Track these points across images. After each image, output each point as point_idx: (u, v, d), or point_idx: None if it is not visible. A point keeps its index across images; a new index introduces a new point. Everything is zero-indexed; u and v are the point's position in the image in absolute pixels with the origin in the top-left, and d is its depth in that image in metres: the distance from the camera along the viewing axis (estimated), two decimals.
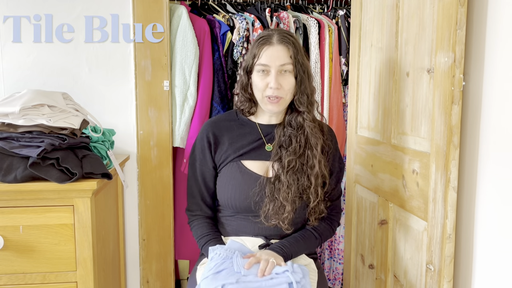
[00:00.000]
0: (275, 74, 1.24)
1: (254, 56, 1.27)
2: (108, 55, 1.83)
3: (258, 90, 1.27)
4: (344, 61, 2.06)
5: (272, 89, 1.23)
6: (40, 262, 1.31)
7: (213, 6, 2.11)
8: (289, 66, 1.25)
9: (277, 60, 1.24)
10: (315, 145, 1.28)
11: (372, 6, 1.64)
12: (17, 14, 1.76)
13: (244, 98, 1.33)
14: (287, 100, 1.28)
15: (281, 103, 1.27)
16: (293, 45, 1.26)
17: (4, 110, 1.28)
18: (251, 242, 1.29)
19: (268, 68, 1.25)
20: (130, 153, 1.87)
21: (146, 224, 1.90)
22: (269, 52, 1.25)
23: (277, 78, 1.24)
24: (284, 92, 1.25)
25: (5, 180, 1.26)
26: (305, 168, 1.27)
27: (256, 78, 1.27)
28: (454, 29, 1.10)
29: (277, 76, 1.24)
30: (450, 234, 1.14)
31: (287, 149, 1.28)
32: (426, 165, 1.23)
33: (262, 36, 1.28)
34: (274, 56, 1.24)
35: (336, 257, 2.17)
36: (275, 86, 1.23)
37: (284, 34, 1.27)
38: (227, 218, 1.34)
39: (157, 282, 1.93)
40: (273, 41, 1.26)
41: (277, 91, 1.24)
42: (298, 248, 1.28)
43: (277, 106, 1.27)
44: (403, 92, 1.38)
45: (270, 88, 1.24)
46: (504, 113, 1.06)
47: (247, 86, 1.31)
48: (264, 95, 1.26)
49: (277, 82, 1.23)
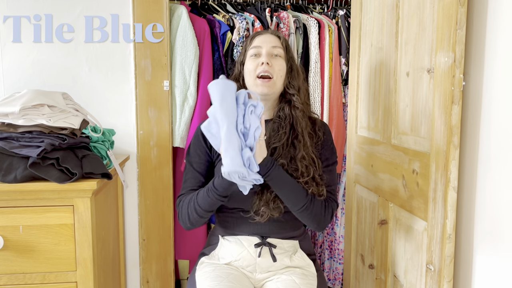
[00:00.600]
0: (266, 53, 1.28)
1: (248, 46, 1.33)
2: (108, 55, 1.83)
3: (249, 72, 1.29)
4: (344, 61, 2.06)
5: (263, 66, 1.26)
6: (40, 262, 1.31)
7: (213, 6, 2.11)
8: (279, 50, 1.30)
9: (269, 43, 1.30)
10: (301, 132, 1.27)
11: (372, 6, 1.64)
12: (17, 14, 1.76)
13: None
14: (278, 84, 1.28)
15: (271, 84, 1.27)
16: (284, 40, 1.34)
17: (4, 110, 1.28)
18: (247, 240, 1.30)
19: (260, 50, 1.29)
20: (130, 153, 1.88)
21: (146, 224, 1.90)
22: (261, 37, 1.32)
23: (268, 56, 1.28)
24: (275, 72, 1.27)
25: (5, 180, 1.26)
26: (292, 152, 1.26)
27: (248, 63, 1.31)
28: (454, 29, 1.10)
29: (268, 56, 1.28)
30: (450, 234, 1.14)
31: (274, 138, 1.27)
32: (426, 165, 1.22)
33: (255, 32, 1.38)
34: (266, 40, 1.31)
35: (336, 257, 2.17)
36: (265, 61, 1.26)
37: (276, 31, 1.36)
38: (222, 217, 1.35)
39: (157, 282, 1.93)
40: (266, 32, 1.35)
41: (267, 67, 1.26)
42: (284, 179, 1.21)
43: (268, 87, 1.27)
44: (403, 92, 1.38)
45: (261, 64, 1.27)
46: (504, 113, 1.06)
47: (239, 77, 1.35)
48: (256, 74, 1.27)
49: (268, 58, 1.27)
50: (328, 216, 1.28)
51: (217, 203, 1.22)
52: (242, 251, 1.29)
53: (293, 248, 1.34)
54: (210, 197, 1.22)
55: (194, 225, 1.29)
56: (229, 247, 1.31)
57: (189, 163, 1.34)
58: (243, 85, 1.34)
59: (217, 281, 1.21)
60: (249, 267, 1.30)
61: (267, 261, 1.29)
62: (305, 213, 1.24)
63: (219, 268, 1.29)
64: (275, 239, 1.31)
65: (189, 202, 1.27)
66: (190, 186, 1.32)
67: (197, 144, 1.33)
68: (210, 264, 1.32)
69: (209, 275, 1.25)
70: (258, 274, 1.30)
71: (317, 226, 1.27)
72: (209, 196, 1.22)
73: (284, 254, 1.31)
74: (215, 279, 1.23)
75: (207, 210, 1.24)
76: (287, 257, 1.31)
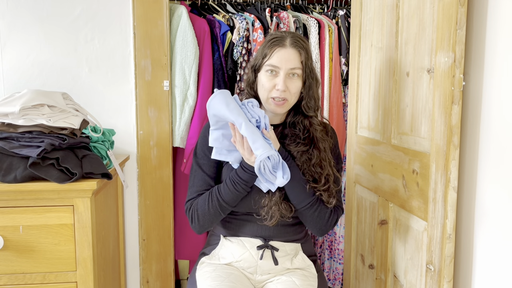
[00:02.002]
0: (284, 77, 1.22)
1: (265, 55, 1.25)
2: (108, 55, 1.83)
3: (264, 90, 1.25)
4: (344, 61, 2.06)
5: (279, 91, 1.22)
6: (40, 262, 1.31)
7: (213, 6, 2.11)
8: (298, 70, 1.24)
9: (288, 63, 1.23)
10: (323, 149, 1.27)
11: (372, 6, 1.64)
12: (17, 14, 1.76)
13: (249, 95, 1.32)
14: (292, 103, 1.27)
15: (285, 105, 1.26)
16: (305, 51, 1.26)
17: (4, 110, 1.28)
18: (250, 242, 1.30)
19: (277, 70, 1.23)
20: (130, 153, 1.87)
21: (146, 224, 1.90)
22: (281, 54, 1.23)
23: (285, 81, 1.22)
24: (290, 95, 1.25)
25: (5, 180, 1.26)
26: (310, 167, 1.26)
27: (263, 78, 1.25)
28: (454, 29, 1.10)
29: (285, 79, 1.23)
30: (450, 234, 1.14)
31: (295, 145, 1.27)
32: (426, 165, 1.22)
33: (275, 37, 1.26)
34: (285, 58, 1.23)
35: (336, 257, 2.17)
36: (282, 89, 1.22)
37: (297, 38, 1.26)
38: (225, 218, 1.34)
39: (157, 282, 1.93)
40: (286, 43, 1.24)
41: (283, 93, 1.23)
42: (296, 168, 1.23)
43: (282, 108, 1.26)
44: (403, 92, 1.38)
45: (277, 90, 1.22)
46: (504, 113, 1.06)
47: (253, 84, 1.30)
48: (270, 96, 1.24)
49: (284, 85, 1.22)
50: (332, 221, 1.27)
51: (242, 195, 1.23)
52: (244, 253, 1.29)
53: (294, 251, 1.33)
54: (238, 191, 1.22)
55: (211, 225, 1.28)
56: (230, 248, 1.31)
57: (198, 165, 1.31)
58: (256, 93, 1.30)
59: (218, 281, 1.21)
60: (250, 268, 1.30)
61: (269, 264, 1.29)
62: (310, 211, 1.23)
63: (219, 268, 1.28)
64: (278, 242, 1.31)
65: (208, 201, 1.25)
66: (199, 190, 1.29)
67: (205, 144, 1.30)
68: (211, 264, 1.31)
69: (209, 274, 1.25)
70: (259, 276, 1.30)
71: (319, 229, 1.27)
72: (237, 190, 1.22)
73: (285, 257, 1.31)
74: (216, 279, 1.22)
75: (232, 205, 1.24)
76: (288, 260, 1.31)
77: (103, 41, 1.82)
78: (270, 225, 1.25)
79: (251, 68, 1.30)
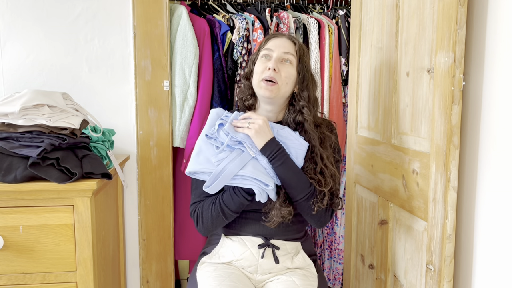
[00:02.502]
0: (276, 58, 1.27)
1: (261, 46, 1.33)
2: (108, 55, 1.83)
3: (257, 73, 1.29)
4: (344, 61, 2.06)
5: (270, 70, 1.25)
6: (40, 262, 1.31)
7: (213, 6, 2.11)
8: (291, 56, 1.28)
9: (282, 48, 1.28)
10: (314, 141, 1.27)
11: (372, 6, 1.64)
12: (17, 14, 1.76)
13: (245, 86, 1.36)
14: (282, 90, 1.27)
15: (275, 89, 1.26)
16: (300, 46, 1.31)
17: (4, 110, 1.28)
18: (251, 241, 1.30)
19: (271, 53, 1.28)
20: (130, 153, 1.87)
21: (146, 224, 1.90)
22: (276, 40, 1.30)
23: (276, 62, 1.26)
24: (281, 79, 1.26)
25: (5, 180, 1.26)
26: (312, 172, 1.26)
27: (258, 64, 1.30)
28: (454, 29, 1.10)
29: (277, 61, 1.27)
30: (450, 234, 1.14)
31: None
32: (426, 165, 1.22)
33: (273, 34, 1.35)
34: (280, 44, 1.29)
35: (336, 257, 2.17)
36: (272, 66, 1.25)
37: (293, 36, 1.33)
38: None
39: (157, 282, 1.93)
40: (283, 36, 1.32)
41: (273, 73, 1.25)
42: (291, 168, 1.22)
43: (270, 91, 1.25)
44: (403, 92, 1.38)
45: (268, 69, 1.26)
46: (504, 113, 1.06)
47: (250, 75, 1.35)
48: (261, 77, 1.27)
49: (275, 64, 1.26)
50: (329, 212, 1.28)
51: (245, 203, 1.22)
52: (245, 251, 1.29)
53: (295, 250, 1.33)
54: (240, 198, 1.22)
55: (216, 228, 1.28)
56: (231, 246, 1.31)
57: None
58: (251, 83, 1.33)
59: (219, 281, 1.21)
60: (251, 267, 1.30)
61: (269, 263, 1.29)
62: (308, 203, 1.23)
63: (220, 267, 1.28)
64: (279, 241, 1.31)
65: (212, 207, 1.24)
66: (202, 192, 1.28)
67: None
68: (211, 264, 1.31)
69: (210, 274, 1.25)
70: (259, 275, 1.30)
71: (317, 221, 1.27)
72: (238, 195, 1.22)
73: (286, 256, 1.31)
74: (217, 278, 1.22)
75: (236, 211, 1.24)
76: (289, 259, 1.31)
77: (103, 41, 1.82)
78: (271, 227, 1.25)
79: (251, 62, 1.35)
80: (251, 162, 1.21)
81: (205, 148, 1.24)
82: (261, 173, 1.19)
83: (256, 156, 1.21)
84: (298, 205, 1.24)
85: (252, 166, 1.20)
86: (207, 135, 1.24)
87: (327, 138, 1.31)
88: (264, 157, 1.21)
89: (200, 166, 1.21)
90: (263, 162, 1.22)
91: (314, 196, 1.23)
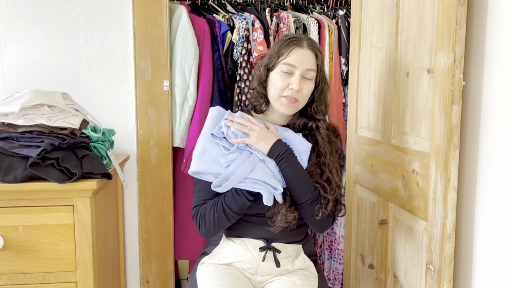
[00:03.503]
0: (299, 77, 1.23)
1: (281, 54, 1.25)
2: (108, 55, 1.83)
3: (276, 89, 1.25)
4: (344, 61, 2.06)
5: (293, 91, 1.22)
6: (40, 262, 1.31)
7: (213, 6, 2.11)
8: (313, 73, 1.25)
9: (305, 64, 1.23)
10: (324, 153, 1.27)
11: (372, 6, 1.64)
12: (17, 14, 1.76)
13: (259, 94, 1.30)
14: (301, 105, 1.28)
15: (296, 106, 1.26)
16: (321, 55, 1.28)
17: (4, 110, 1.28)
18: (252, 243, 1.29)
19: (293, 69, 1.23)
20: (130, 153, 1.87)
21: (146, 224, 1.90)
22: (299, 54, 1.24)
23: (300, 81, 1.23)
24: (302, 97, 1.25)
25: (5, 180, 1.26)
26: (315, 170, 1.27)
27: (276, 76, 1.25)
28: (454, 29, 1.10)
29: (301, 80, 1.23)
30: (450, 234, 1.14)
31: None
32: (426, 165, 1.22)
33: (292, 37, 1.27)
34: (303, 59, 1.23)
35: (336, 257, 2.17)
36: (297, 88, 1.22)
37: (313, 42, 1.28)
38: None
39: (157, 282, 1.93)
40: (304, 44, 1.25)
41: (296, 93, 1.23)
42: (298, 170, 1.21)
43: (292, 109, 1.26)
44: (403, 92, 1.38)
45: (291, 89, 1.23)
46: (504, 113, 1.06)
47: (265, 83, 1.29)
48: (281, 94, 1.24)
49: (299, 85, 1.22)
50: (331, 218, 1.27)
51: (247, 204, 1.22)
52: (246, 254, 1.29)
53: (296, 253, 1.33)
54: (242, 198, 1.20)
55: (219, 231, 1.27)
56: (232, 248, 1.31)
57: None
58: (265, 91, 1.29)
59: (219, 281, 1.21)
60: (251, 269, 1.29)
61: (270, 266, 1.28)
62: (311, 207, 1.22)
63: (220, 268, 1.28)
64: (280, 244, 1.30)
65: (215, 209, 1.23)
66: (205, 195, 1.27)
67: None
68: (211, 264, 1.31)
69: (210, 274, 1.25)
70: (259, 277, 1.30)
71: (319, 226, 1.26)
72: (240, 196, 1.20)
73: (287, 259, 1.30)
74: (217, 278, 1.22)
75: (238, 212, 1.22)
76: (290, 262, 1.31)
77: (103, 41, 1.82)
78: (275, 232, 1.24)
79: (264, 67, 1.29)
80: (259, 164, 1.19)
81: (210, 147, 1.21)
82: (270, 176, 1.18)
83: (264, 158, 1.20)
84: (302, 209, 1.24)
85: (261, 169, 1.18)
86: (212, 134, 1.22)
87: (333, 144, 1.31)
88: (271, 159, 1.21)
89: (206, 166, 1.19)
90: (271, 165, 1.20)
91: (319, 200, 1.23)
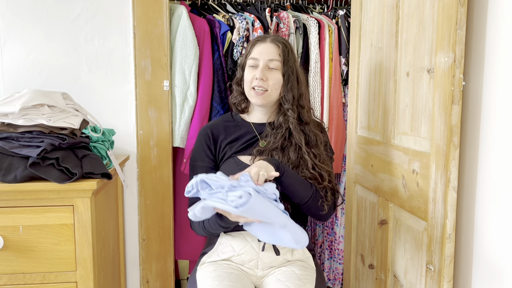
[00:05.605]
0: (262, 67, 1.32)
1: (249, 52, 1.38)
2: (108, 55, 1.83)
3: (246, 83, 1.36)
4: (344, 61, 2.06)
5: (258, 80, 1.31)
6: (40, 262, 1.31)
7: (213, 6, 2.11)
8: (276, 62, 1.33)
9: (267, 55, 1.33)
10: (299, 141, 1.31)
11: (372, 6, 1.64)
12: (17, 14, 1.76)
13: (237, 92, 1.43)
14: (273, 95, 1.34)
15: (265, 96, 1.33)
16: (284, 46, 1.35)
17: (4, 110, 1.28)
18: (251, 236, 1.30)
19: (257, 62, 1.34)
20: (130, 153, 1.87)
21: (146, 224, 1.90)
22: (261, 47, 1.35)
23: (263, 71, 1.32)
24: (269, 86, 1.32)
25: (5, 180, 1.26)
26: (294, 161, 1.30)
27: (246, 72, 1.36)
28: (454, 29, 1.10)
29: (264, 70, 1.32)
30: (450, 234, 1.14)
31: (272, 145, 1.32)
32: (426, 165, 1.22)
33: (259, 37, 1.40)
34: (263, 51, 1.34)
35: (336, 257, 2.17)
36: (260, 77, 1.31)
37: (278, 37, 1.38)
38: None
39: (157, 282, 1.93)
40: (267, 40, 1.36)
41: (261, 82, 1.31)
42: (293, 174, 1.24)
43: (261, 99, 1.33)
44: (403, 92, 1.38)
45: (256, 79, 1.32)
46: (504, 112, 1.06)
47: (241, 81, 1.41)
48: (251, 86, 1.34)
49: (262, 74, 1.32)
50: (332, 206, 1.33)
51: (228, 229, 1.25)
52: (245, 245, 1.30)
53: None
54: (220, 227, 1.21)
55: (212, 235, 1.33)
56: (231, 242, 1.32)
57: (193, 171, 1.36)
58: (242, 89, 1.40)
59: (218, 281, 1.21)
60: (251, 262, 1.30)
61: (270, 256, 1.30)
62: (313, 202, 1.26)
63: (220, 267, 1.29)
64: None
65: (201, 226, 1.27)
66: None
67: (201, 148, 1.37)
68: (211, 263, 1.32)
69: (210, 274, 1.26)
70: (260, 271, 1.30)
71: (324, 215, 1.30)
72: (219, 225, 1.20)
73: (286, 248, 1.32)
74: (216, 278, 1.23)
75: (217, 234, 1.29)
76: (289, 252, 1.32)
77: (103, 41, 1.82)
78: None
79: (240, 67, 1.41)
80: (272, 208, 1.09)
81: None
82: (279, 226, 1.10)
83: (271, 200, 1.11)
84: (307, 208, 1.28)
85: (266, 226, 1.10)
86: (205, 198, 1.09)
87: (317, 137, 1.35)
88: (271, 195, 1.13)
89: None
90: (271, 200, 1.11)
91: (318, 194, 1.27)
